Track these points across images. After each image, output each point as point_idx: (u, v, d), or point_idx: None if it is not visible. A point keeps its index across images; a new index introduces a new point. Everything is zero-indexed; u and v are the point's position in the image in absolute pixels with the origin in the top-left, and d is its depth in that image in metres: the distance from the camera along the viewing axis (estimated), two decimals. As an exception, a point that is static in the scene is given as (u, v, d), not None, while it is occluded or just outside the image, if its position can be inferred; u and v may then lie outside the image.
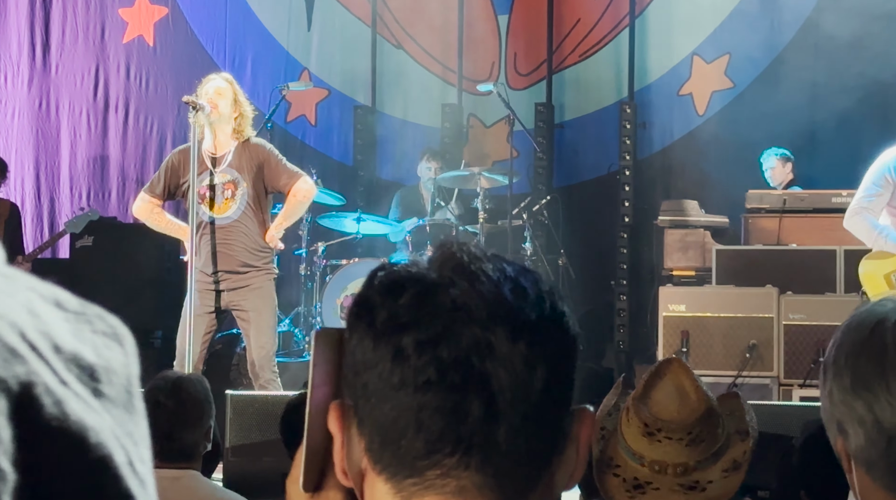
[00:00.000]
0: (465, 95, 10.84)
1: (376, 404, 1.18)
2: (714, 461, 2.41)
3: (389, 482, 1.19)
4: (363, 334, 1.19)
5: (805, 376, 7.90)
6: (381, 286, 1.21)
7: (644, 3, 10.55)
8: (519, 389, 1.16)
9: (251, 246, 6.78)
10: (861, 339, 1.51)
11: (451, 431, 1.16)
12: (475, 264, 1.20)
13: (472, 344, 1.16)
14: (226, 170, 6.76)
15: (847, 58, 9.58)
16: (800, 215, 8.62)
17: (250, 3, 11.13)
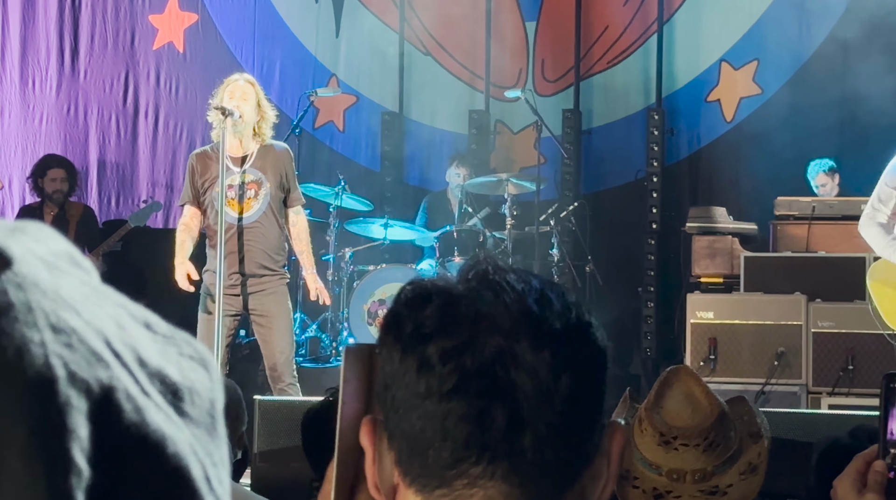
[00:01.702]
0: (493, 102, 10.85)
1: (404, 415, 1.20)
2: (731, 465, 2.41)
3: (419, 494, 1.21)
4: (392, 346, 1.21)
5: (834, 384, 7.86)
6: (408, 300, 1.22)
7: (672, 9, 10.53)
8: (544, 398, 1.17)
9: (269, 248, 6.84)
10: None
11: (476, 439, 1.17)
12: (500, 275, 1.22)
13: (495, 353, 1.17)
14: (250, 170, 6.82)
15: (875, 63, 9.53)
16: (829, 223, 8.59)
17: (279, 10, 11.16)
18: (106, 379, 0.75)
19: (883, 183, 6.45)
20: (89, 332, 0.75)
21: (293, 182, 6.94)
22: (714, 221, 9.17)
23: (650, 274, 9.91)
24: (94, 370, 0.74)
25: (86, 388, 0.74)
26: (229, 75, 11.02)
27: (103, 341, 0.76)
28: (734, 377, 7.92)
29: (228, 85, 6.85)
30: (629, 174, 10.48)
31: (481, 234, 9.21)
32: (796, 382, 7.96)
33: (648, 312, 9.78)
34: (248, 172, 6.80)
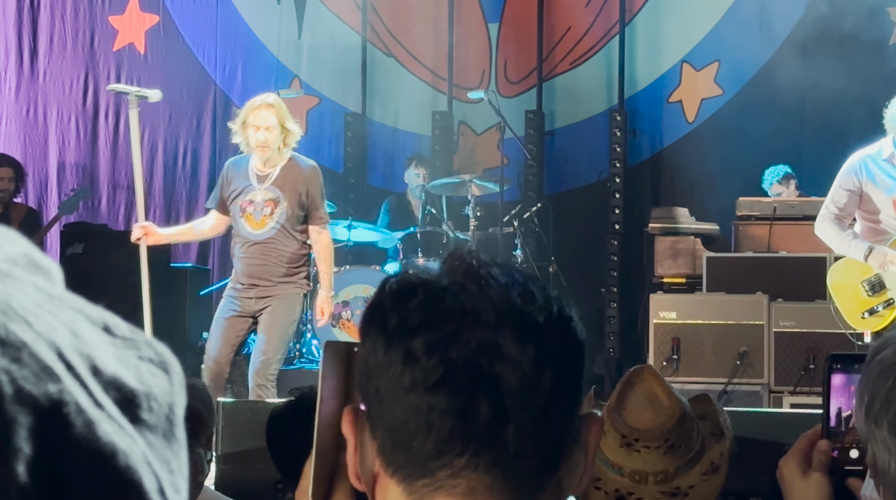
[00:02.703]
0: (456, 103, 10.86)
1: (388, 407, 1.21)
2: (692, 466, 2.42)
3: (402, 484, 1.22)
4: (375, 338, 1.22)
5: (795, 383, 7.92)
6: (392, 292, 1.23)
7: (634, 11, 10.58)
8: (527, 390, 1.18)
9: (284, 262, 6.92)
10: None
11: (461, 431, 1.18)
12: (484, 269, 1.23)
13: (480, 346, 1.18)
14: (269, 188, 6.89)
15: (833, 65, 9.61)
16: (790, 223, 8.64)
17: (241, 11, 11.13)
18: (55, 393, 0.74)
19: (837, 185, 6.48)
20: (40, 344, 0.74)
21: (316, 201, 6.96)
22: (676, 222, 9.22)
23: (613, 275, 9.95)
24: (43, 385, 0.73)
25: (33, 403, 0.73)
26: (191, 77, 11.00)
27: (55, 352, 0.75)
28: (697, 377, 7.96)
29: (250, 112, 6.88)
30: (592, 175, 10.52)
31: (445, 235, 9.22)
32: (758, 381, 8.01)
33: (612, 312, 9.82)
34: (267, 189, 6.89)
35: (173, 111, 10.96)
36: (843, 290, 6.57)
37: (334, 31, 11.06)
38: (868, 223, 6.43)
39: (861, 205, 6.42)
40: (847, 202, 6.44)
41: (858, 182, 6.37)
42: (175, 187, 11.01)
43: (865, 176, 6.35)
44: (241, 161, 7.04)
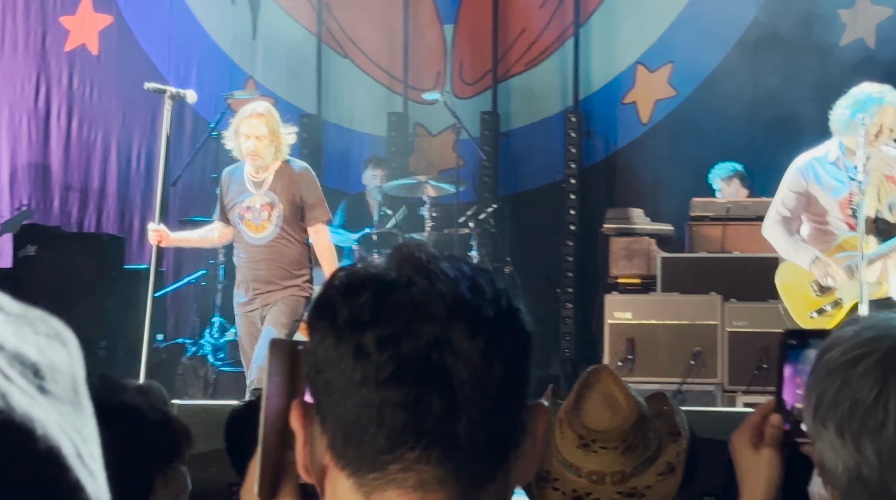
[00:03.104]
0: (411, 104, 10.86)
1: (339, 401, 1.21)
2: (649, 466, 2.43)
3: (353, 478, 1.22)
4: (325, 332, 1.22)
5: (749, 382, 7.97)
6: (341, 286, 1.23)
7: (588, 12, 10.62)
8: (478, 383, 1.19)
9: (286, 266, 6.99)
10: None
11: (413, 425, 1.19)
12: (433, 263, 1.24)
13: (431, 340, 1.19)
14: (265, 193, 6.97)
15: (784, 66, 9.69)
16: (743, 223, 8.70)
17: (195, 12, 11.08)
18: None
19: (784, 188, 6.52)
20: None
21: (311, 201, 7.02)
22: (631, 223, 9.26)
23: (568, 275, 9.98)
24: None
25: None
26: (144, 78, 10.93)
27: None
28: (652, 377, 8.00)
29: (242, 121, 6.96)
30: (547, 176, 10.55)
31: (401, 236, 9.23)
32: (712, 381, 8.06)
33: (567, 313, 9.85)
34: (264, 194, 6.98)
35: (127, 113, 10.89)
36: (791, 290, 6.62)
37: (289, 32, 11.03)
38: (815, 225, 6.48)
39: (808, 207, 6.46)
40: (794, 205, 6.48)
41: (805, 185, 6.42)
42: (129, 188, 10.93)
43: (812, 178, 6.40)
44: (237, 169, 7.12)
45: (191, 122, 10.87)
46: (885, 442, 1.45)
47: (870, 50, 9.80)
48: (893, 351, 1.47)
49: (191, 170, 9.69)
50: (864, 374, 1.47)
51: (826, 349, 1.53)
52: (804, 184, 6.42)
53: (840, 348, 1.51)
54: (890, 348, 1.47)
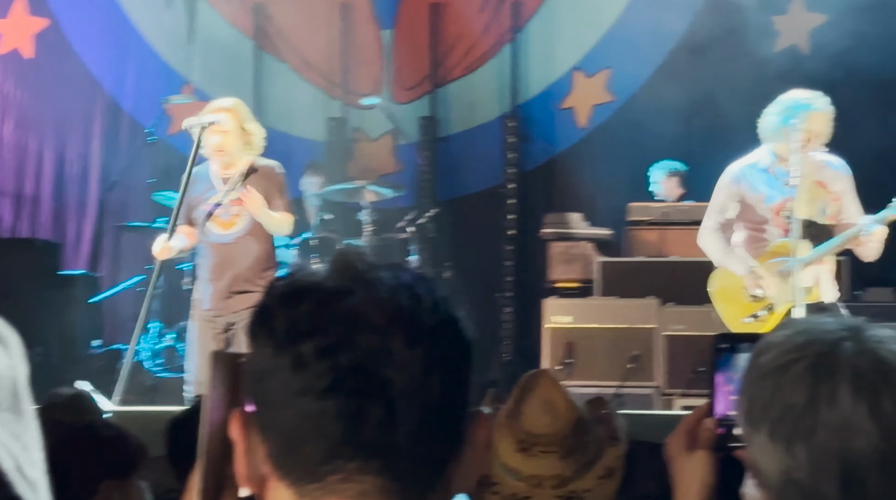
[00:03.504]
0: (350, 109, 10.84)
1: (278, 411, 1.20)
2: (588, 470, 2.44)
3: (292, 488, 1.21)
4: (264, 342, 1.21)
5: (686, 386, 8.03)
6: (280, 295, 1.23)
7: (526, 18, 10.66)
8: (417, 393, 1.19)
9: (254, 266, 6.79)
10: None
11: (352, 436, 1.18)
12: (372, 273, 1.23)
13: (370, 351, 1.18)
14: (237, 189, 6.78)
15: (724, 70, 9.78)
16: (681, 227, 8.75)
17: (130, 17, 10.99)
18: None
19: (719, 195, 6.58)
20: None
21: (277, 199, 6.82)
22: (570, 227, 9.30)
23: (507, 280, 10.01)
24: None
25: None
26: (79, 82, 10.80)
27: None
28: (590, 381, 8.02)
29: (209, 117, 6.79)
30: (486, 181, 10.57)
31: (339, 242, 9.20)
32: (650, 384, 8.10)
33: (506, 317, 9.87)
34: (233, 191, 6.78)
35: (61, 117, 10.77)
36: (725, 295, 6.66)
37: (226, 36, 10.97)
38: (749, 232, 6.53)
39: (742, 214, 6.52)
40: (728, 212, 6.53)
41: (738, 192, 6.47)
42: (64, 194, 10.81)
43: (745, 186, 6.46)
44: (200, 169, 6.93)
45: (127, 127, 10.78)
46: (817, 447, 1.46)
47: (803, 57, 9.90)
48: (824, 356, 1.49)
49: (127, 175, 9.60)
50: (796, 379, 1.48)
51: (758, 353, 1.54)
52: (737, 191, 6.47)
53: (772, 353, 1.52)
54: (821, 354, 1.49)
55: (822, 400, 1.47)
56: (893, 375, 1.48)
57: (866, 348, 1.49)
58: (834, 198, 6.40)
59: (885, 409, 1.46)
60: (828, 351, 1.49)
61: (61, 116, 10.73)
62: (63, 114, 10.74)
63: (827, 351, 1.49)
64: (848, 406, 1.46)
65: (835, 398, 1.46)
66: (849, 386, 1.46)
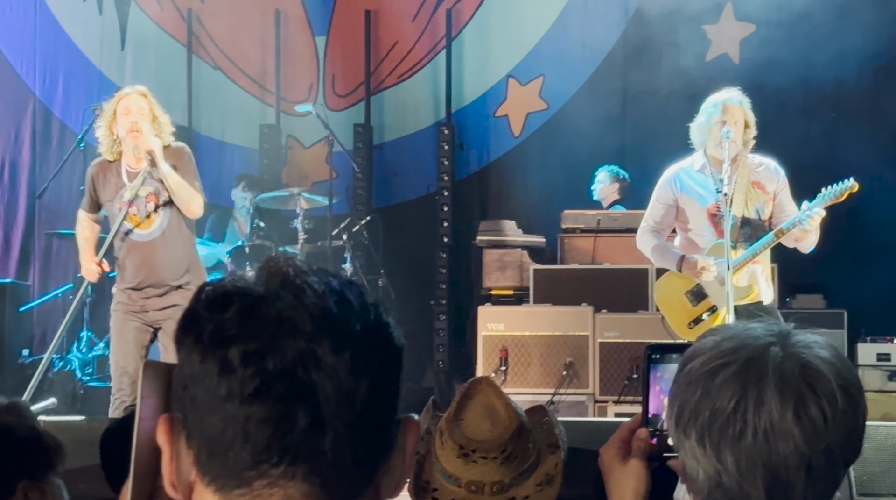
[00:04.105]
0: (284, 116, 10.81)
1: (204, 416, 1.19)
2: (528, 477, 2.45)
3: (218, 493, 1.21)
4: (191, 347, 1.20)
5: (619, 392, 8.07)
6: (207, 300, 1.22)
7: (460, 26, 10.68)
8: (344, 399, 1.19)
9: (177, 262, 6.59)
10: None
11: (278, 441, 1.18)
12: (301, 278, 1.22)
13: (297, 356, 1.18)
14: (148, 182, 6.52)
15: (656, 78, 9.86)
16: (614, 235, 8.81)
17: (62, 23, 10.88)
18: None
19: (654, 199, 6.64)
20: None
21: (188, 175, 6.53)
22: (504, 235, 9.32)
23: (442, 287, 10.01)
24: None
25: None
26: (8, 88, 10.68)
27: None
28: (525, 388, 8.04)
29: (120, 100, 6.57)
30: (420, 188, 10.58)
31: (273, 249, 9.16)
32: (584, 391, 8.13)
33: (441, 325, 9.87)
34: (146, 184, 6.52)
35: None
36: (669, 302, 6.73)
37: (158, 43, 10.90)
38: (686, 235, 6.61)
39: (678, 217, 6.59)
40: (664, 215, 6.61)
41: (673, 195, 6.54)
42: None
43: (679, 189, 6.53)
44: (106, 163, 6.64)
45: (58, 133, 10.67)
46: (744, 451, 1.48)
47: (734, 65, 10.02)
48: (752, 362, 1.50)
49: (58, 182, 9.50)
50: (724, 384, 1.50)
51: (687, 359, 1.56)
52: (673, 195, 6.54)
53: (701, 359, 1.54)
54: (748, 359, 1.51)
55: (749, 405, 1.48)
56: (819, 380, 1.50)
57: (793, 353, 1.51)
58: (770, 199, 6.48)
59: (810, 414, 1.48)
60: (756, 356, 1.51)
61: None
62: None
63: (755, 356, 1.51)
64: (775, 411, 1.48)
65: (762, 403, 1.48)
66: (776, 391, 1.48)
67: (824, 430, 1.48)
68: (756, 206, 6.47)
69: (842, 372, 1.52)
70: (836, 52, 9.84)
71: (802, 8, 9.79)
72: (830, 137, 9.80)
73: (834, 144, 9.71)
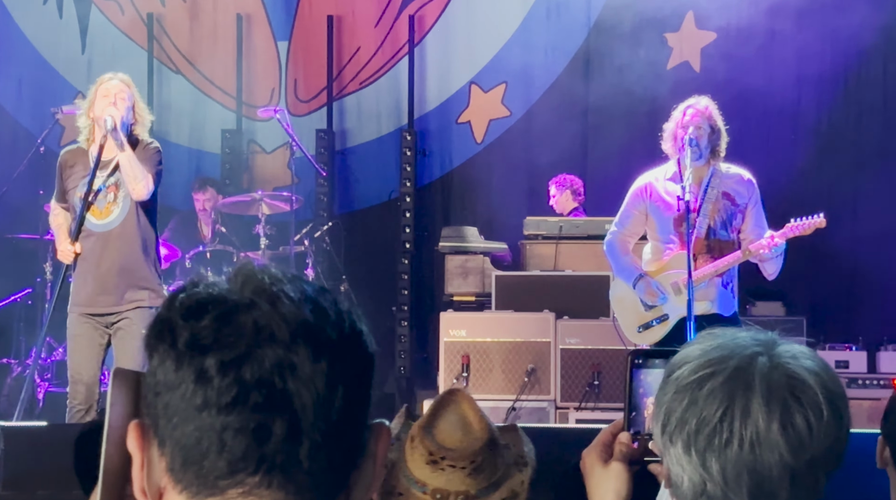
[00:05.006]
0: (246, 121, 10.78)
1: (178, 425, 1.19)
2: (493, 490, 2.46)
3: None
4: (164, 355, 1.20)
5: (581, 399, 8.10)
6: (182, 307, 1.21)
7: (422, 32, 10.70)
8: (321, 407, 1.19)
9: (131, 259, 6.44)
10: None
11: (254, 451, 1.17)
12: (276, 286, 1.22)
13: (275, 365, 1.17)
14: (112, 174, 6.40)
15: (618, 85, 9.91)
16: (575, 242, 8.84)
17: (21, 26, 10.83)
18: None
19: (625, 206, 6.68)
20: None
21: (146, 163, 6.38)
22: (466, 241, 9.34)
23: (404, 293, 10.01)
24: None
25: None
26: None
27: None
28: (486, 394, 8.06)
29: (101, 84, 6.47)
30: (383, 194, 10.58)
31: (235, 255, 9.14)
32: (545, 398, 8.16)
33: (403, 331, 9.87)
34: (110, 175, 6.38)
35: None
36: (623, 304, 6.77)
37: (119, 48, 10.85)
38: (654, 242, 6.65)
39: (647, 224, 6.63)
40: (632, 222, 6.64)
41: (643, 204, 6.58)
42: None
43: (650, 197, 6.56)
44: (78, 151, 6.53)
45: (19, 136, 10.60)
46: (730, 460, 1.50)
47: (695, 73, 10.09)
48: (739, 371, 1.51)
49: (17, 186, 9.43)
50: (711, 394, 1.51)
51: (674, 367, 1.57)
52: (643, 203, 6.57)
53: (688, 367, 1.55)
54: (736, 369, 1.52)
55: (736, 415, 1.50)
56: (804, 392, 1.51)
57: (779, 363, 1.53)
58: (739, 211, 6.51)
59: (796, 425, 1.49)
60: (743, 366, 1.52)
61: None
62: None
63: (742, 366, 1.52)
64: (761, 421, 1.49)
65: (748, 414, 1.50)
66: (762, 402, 1.50)
67: (809, 441, 1.50)
68: (723, 218, 6.49)
69: (827, 384, 1.53)
70: (795, 61, 9.93)
71: (762, 18, 9.88)
72: (788, 146, 9.89)
73: (792, 154, 9.80)
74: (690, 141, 6.32)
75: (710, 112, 6.44)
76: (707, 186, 6.44)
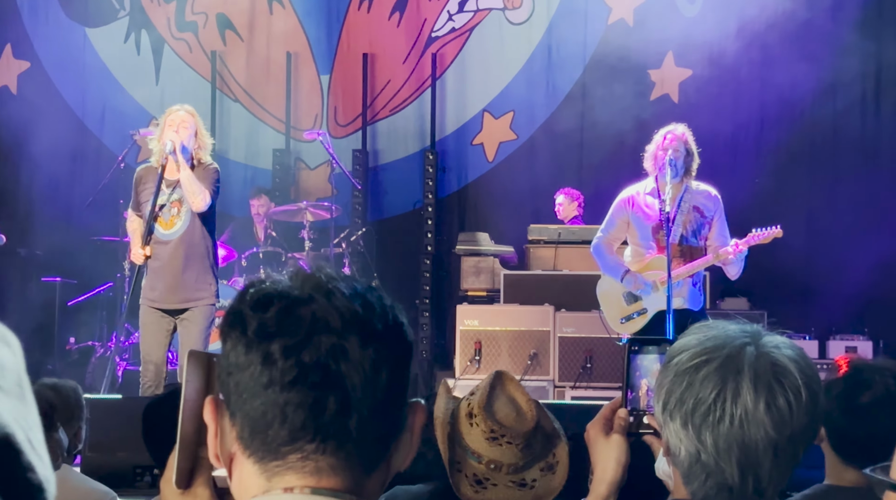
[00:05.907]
0: (293, 142, 10.81)
1: (247, 400, 1.20)
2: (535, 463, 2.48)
3: (257, 465, 1.22)
4: (236, 340, 1.21)
5: (575, 379, 8.10)
6: (251, 300, 1.23)
7: (443, 68, 10.71)
8: (368, 387, 1.20)
9: (191, 263, 6.48)
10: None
11: (311, 422, 1.19)
12: (331, 283, 1.24)
13: (329, 350, 1.19)
14: (176, 190, 6.45)
15: (609, 114, 9.90)
16: (572, 246, 8.84)
17: (105, 60, 10.88)
18: None
19: (610, 214, 6.68)
20: None
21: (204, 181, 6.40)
22: (479, 245, 9.34)
23: (426, 289, 10.02)
24: None
25: None
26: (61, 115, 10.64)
27: None
28: (495, 374, 8.04)
29: (169, 114, 6.48)
30: (408, 205, 10.59)
31: (283, 255, 9.16)
32: (545, 378, 8.16)
33: (424, 320, 9.88)
34: (175, 192, 6.44)
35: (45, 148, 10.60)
36: (607, 298, 6.77)
37: (187, 80, 10.89)
38: (635, 246, 6.66)
39: (629, 231, 6.63)
40: (616, 229, 6.64)
41: (626, 213, 6.58)
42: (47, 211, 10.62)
43: (632, 208, 6.56)
44: (150, 169, 6.56)
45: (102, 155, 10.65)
46: (721, 434, 1.51)
47: (674, 104, 10.08)
48: (730, 359, 1.53)
49: (101, 196, 9.46)
50: (706, 377, 1.52)
51: (674, 353, 1.58)
52: (626, 213, 6.57)
53: (686, 354, 1.56)
54: (727, 357, 1.53)
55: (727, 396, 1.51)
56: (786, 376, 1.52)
57: (764, 352, 1.54)
58: (707, 223, 6.51)
59: (778, 405, 1.50)
60: (734, 354, 1.53)
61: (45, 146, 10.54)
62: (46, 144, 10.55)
63: (733, 354, 1.53)
64: (749, 402, 1.50)
65: (738, 395, 1.51)
66: (750, 385, 1.51)
67: (790, 419, 1.51)
68: (694, 227, 6.50)
69: (805, 370, 1.54)
70: (759, 95, 9.91)
71: (732, 57, 9.86)
72: (755, 168, 9.87)
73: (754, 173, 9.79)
74: (671, 161, 6.31)
75: (686, 137, 6.44)
76: (681, 201, 6.43)
